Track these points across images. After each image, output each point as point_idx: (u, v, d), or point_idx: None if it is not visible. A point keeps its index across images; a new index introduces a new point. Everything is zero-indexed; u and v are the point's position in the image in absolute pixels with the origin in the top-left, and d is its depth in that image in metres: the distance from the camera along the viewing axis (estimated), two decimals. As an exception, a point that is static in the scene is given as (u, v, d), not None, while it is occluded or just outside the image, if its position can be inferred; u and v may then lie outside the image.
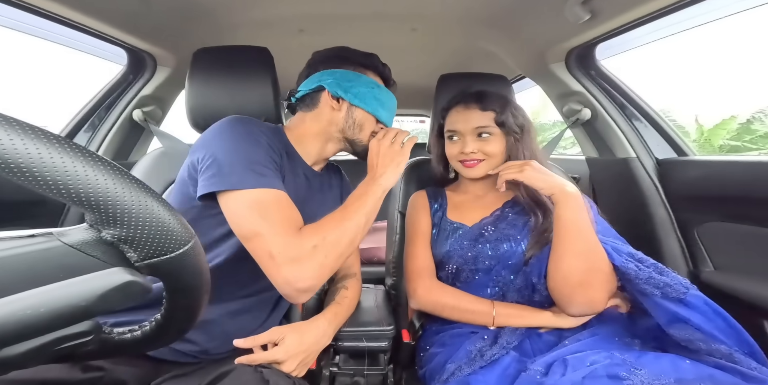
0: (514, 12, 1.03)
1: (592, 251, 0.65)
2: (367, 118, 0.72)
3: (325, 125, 0.72)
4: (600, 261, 0.65)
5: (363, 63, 0.74)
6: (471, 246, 0.77)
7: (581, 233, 0.65)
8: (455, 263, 0.77)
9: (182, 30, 1.08)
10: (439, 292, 0.75)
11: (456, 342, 0.69)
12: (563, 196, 0.67)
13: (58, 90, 16.91)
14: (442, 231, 0.83)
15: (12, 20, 0.90)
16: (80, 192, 0.21)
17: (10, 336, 0.22)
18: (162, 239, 0.24)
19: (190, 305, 0.31)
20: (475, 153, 0.79)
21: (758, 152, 5.63)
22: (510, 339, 0.64)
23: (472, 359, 0.61)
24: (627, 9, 0.84)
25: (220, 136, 0.60)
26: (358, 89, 0.70)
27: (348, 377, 0.79)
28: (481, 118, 0.79)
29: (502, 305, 0.71)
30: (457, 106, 0.84)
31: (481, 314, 0.71)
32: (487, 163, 0.80)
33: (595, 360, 0.54)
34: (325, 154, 0.76)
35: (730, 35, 10.38)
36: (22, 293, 0.22)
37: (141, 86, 1.23)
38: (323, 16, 1.10)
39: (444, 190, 0.91)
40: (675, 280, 0.62)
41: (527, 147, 0.79)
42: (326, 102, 0.71)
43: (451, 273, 0.78)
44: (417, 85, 1.83)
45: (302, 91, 0.73)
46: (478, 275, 0.76)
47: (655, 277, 0.61)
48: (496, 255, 0.75)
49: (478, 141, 0.79)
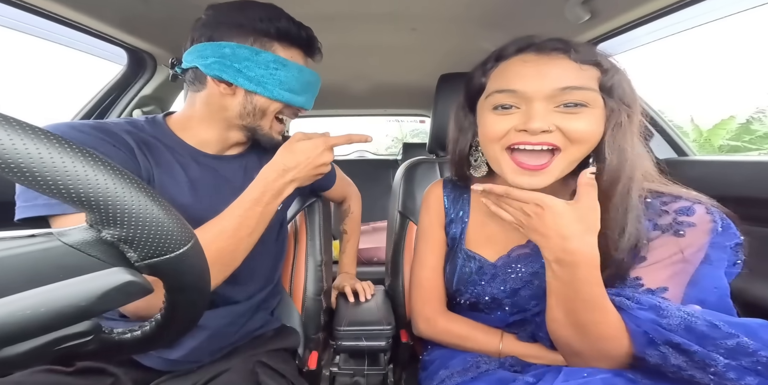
0: (514, 12, 1.03)
1: (586, 337, 0.47)
2: (270, 103, 0.60)
3: (217, 111, 0.60)
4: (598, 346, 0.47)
5: (265, 31, 0.56)
6: (490, 283, 0.60)
7: (568, 317, 0.48)
8: (466, 299, 0.64)
9: (182, 30, 1.08)
10: (443, 329, 0.64)
11: (455, 350, 0.65)
12: (554, 265, 0.47)
13: (58, 90, 16.87)
14: (455, 256, 0.65)
15: (12, 20, 0.89)
16: (80, 192, 0.21)
17: (10, 336, 0.22)
18: (162, 238, 0.24)
19: (191, 305, 0.31)
20: (549, 133, 0.47)
21: (758, 152, 5.63)
22: (513, 363, 0.57)
23: (467, 369, 0.58)
24: (627, 9, 0.84)
25: None
26: (254, 71, 0.56)
27: (348, 377, 0.79)
28: (576, 74, 0.47)
29: (513, 344, 0.59)
30: (523, 53, 0.51)
31: (488, 347, 0.60)
32: (564, 160, 0.48)
33: (592, 372, 0.46)
34: (230, 141, 0.65)
35: (729, 35, 10.31)
36: (22, 293, 0.22)
37: (141, 86, 1.23)
38: (323, 16, 1.10)
39: (469, 195, 0.67)
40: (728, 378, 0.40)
41: (630, 140, 0.48)
42: (214, 84, 0.58)
43: (465, 305, 0.65)
44: (417, 85, 1.83)
45: (184, 65, 0.59)
46: (500, 312, 0.62)
47: (685, 372, 0.42)
48: (515, 288, 0.58)
49: (559, 114, 0.47)
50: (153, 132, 0.60)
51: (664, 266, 0.49)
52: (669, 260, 0.48)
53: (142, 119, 0.62)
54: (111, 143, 0.52)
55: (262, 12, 0.57)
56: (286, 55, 0.59)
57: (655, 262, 0.49)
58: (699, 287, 0.47)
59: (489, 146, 0.53)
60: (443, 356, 0.66)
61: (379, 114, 2.59)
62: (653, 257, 0.49)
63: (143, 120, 0.61)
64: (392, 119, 3.02)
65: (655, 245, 0.50)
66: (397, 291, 0.89)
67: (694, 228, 0.49)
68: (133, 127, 0.59)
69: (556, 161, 0.49)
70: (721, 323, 0.42)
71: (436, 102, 0.98)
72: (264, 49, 0.57)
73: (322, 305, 0.84)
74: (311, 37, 0.62)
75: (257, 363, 0.63)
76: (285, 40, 0.59)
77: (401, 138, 9.38)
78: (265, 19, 0.56)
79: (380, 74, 1.69)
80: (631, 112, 0.48)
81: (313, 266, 0.85)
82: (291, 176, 0.57)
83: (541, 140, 0.47)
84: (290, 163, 0.57)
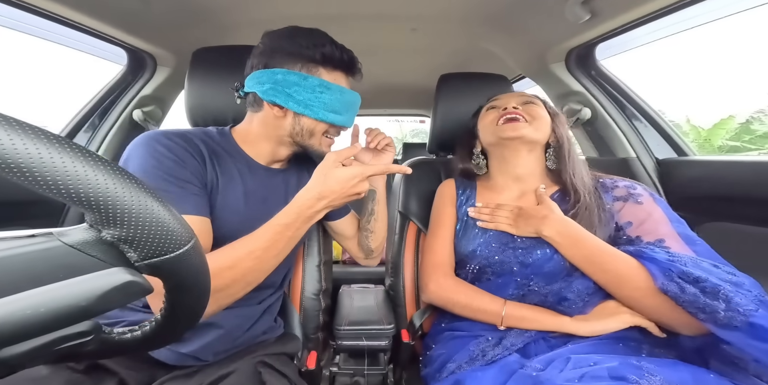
0: (514, 12, 1.03)
1: (618, 279, 0.60)
2: (316, 123, 0.65)
3: (272, 130, 0.66)
4: (630, 287, 0.59)
5: (311, 57, 0.62)
6: (499, 250, 0.71)
7: (593, 267, 0.62)
8: (478, 264, 0.73)
9: (182, 30, 1.08)
10: (452, 289, 0.72)
11: (459, 344, 0.68)
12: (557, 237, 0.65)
13: (58, 90, 16.69)
14: (468, 228, 0.77)
15: (12, 20, 0.90)
16: (80, 192, 0.21)
17: (10, 336, 0.22)
18: (162, 238, 0.24)
19: (191, 305, 0.31)
20: (517, 109, 0.74)
21: (758, 152, 5.63)
22: (515, 341, 0.62)
23: (474, 359, 0.61)
24: (627, 9, 0.84)
25: (125, 157, 0.57)
26: (302, 95, 0.61)
27: (348, 376, 0.79)
28: (526, 95, 0.79)
29: (516, 306, 0.67)
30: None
31: (492, 315, 0.67)
32: (532, 127, 0.73)
33: (600, 361, 0.50)
34: (278, 156, 0.71)
35: (729, 35, 10.33)
36: (22, 293, 0.22)
37: (141, 86, 1.23)
38: (323, 16, 1.10)
39: (475, 182, 0.85)
40: (736, 302, 0.48)
41: (566, 135, 0.77)
42: (269, 108, 0.64)
43: (471, 272, 0.74)
44: (417, 85, 1.83)
45: (246, 89, 0.66)
46: (501, 278, 0.70)
47: (700, 299, 0.50)
48: (528, 262, 0.68)
49: (523, 106, 0.76)
50: (221, 142, 0.67)
51: (649, 225, 0.64)
52: (650, 220, 0.65)
53: (214, 130, 0.69)
54: (190, 152, 0.59)
55: (309, 38, 0.63)
56: (330, 78, 0.64)
57: (641, 223, 0.65)
58: (685, 240, 0.61)
59: (486, 129, 0.78)
60: (448, 350, 0.67)
61: (380, 114, 2.59)
62: (636, 220, 0.66)
63: (215, 131, 0.69)
64: (392, 119, 3.02)
65: (627, 211, 0.68)
66: (398, 291, 0.89)
67: (644, 197, 0.68)
68: (207, 136, 0.66)
69: (525, 125, 0.72)
70: (721, 265, 0.55)
71: (437, 102, 0.98)
72: (310, 74, 0.62)
73: (321, 305, 0.84)
74: (352, 58, 0.66)
75: (260, 364, 0.63)
76: (329, 64, 0.64)
77: (401, 138, 9.38)
78: (311, 46, 0.61)
79: (380, 74, 1.69)
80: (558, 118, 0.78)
81: (312, 266, 0.85)
82: (324, 204, 0.59)
83: (515, 112, 0.73)
84: (325, 192, 0.59)
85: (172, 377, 0.59)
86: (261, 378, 0.59)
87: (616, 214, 0.68)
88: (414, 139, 9.57)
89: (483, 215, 0.76)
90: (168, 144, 0.57)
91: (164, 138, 0.58)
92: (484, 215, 0.76)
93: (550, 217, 0.67)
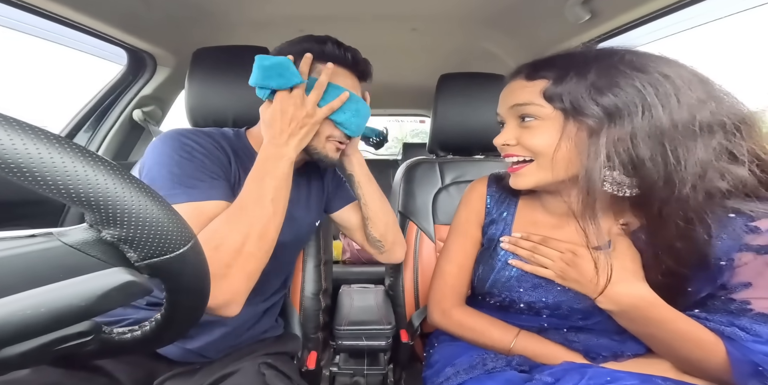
0: (514, 12, 1.03)
1: (687, 365, 0.48)
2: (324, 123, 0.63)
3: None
4: (697, 373, 0.47)
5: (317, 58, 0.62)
6: (529, 292, 0.57)
7: (658, 347, 0.49)
8: (498, 301, 0.61)
9: (182, 30, 1.08)
10: (457, 323, 0.64)
11: (461, 348, 0.64)
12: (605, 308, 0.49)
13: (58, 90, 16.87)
14: (492, 258, 0.61)
15: (12, 20, 0.90)
16: (80, 192, 0.21)
17: (10, 336, 0.22)
18: (162, 238, 0.24)
19: (191, 305, 0.31)
20: (510, 146, 0.53)
21: (758, 152, 5.62)
22: (521, 362, 0.55)
23: (473, 366, 0.57)
24: (627, 9, 0.84)
25: (152, 152, 0.58)
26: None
27: (348, 376, 0.79)
28: (521, 91, 0.51)
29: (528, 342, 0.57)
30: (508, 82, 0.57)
31: (502, 350, 0.58)
32: (537, 168, 0.51)
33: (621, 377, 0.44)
34: None
35: (729, 35, 10.26)
36: (22, 293, 0.22)
37: (141, 86, 1.23)
38: (323, 16, 1.10)
39: (518, 198, 0.65)
40: None
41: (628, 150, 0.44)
42: None
43: (493, 304, 0.63)
44: (417, 85, 1.83)
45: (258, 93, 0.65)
46: (525, 315, 0.60)
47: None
48: (559, 302, 0.55)
49: (522, 129, 0.52)
50: (238, 143, 0.67)
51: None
52: None
53: (230, 131, 0.69)
54: (217, 148, 0.61)
55: (314, 41, 0.63)
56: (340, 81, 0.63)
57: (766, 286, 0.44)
58: None
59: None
60: (449, 354, 0.65)
61: (380, 114, 2.59)
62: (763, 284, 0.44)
63: (231, 132, 0.69)
64: (392, 119, 3.02)
65: (753, 268, 0.44)
66: (398, 291, 0.89)
67: None
68: (226, 136, 0.66)
69: (529, 168, 0.52)
70: None
71: (437, 102, 0.98)
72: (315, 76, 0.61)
73: (321, 305, 0.84)
74: (351, 55, 0.65)
75: (263, 364, 0.63)
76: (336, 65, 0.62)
77: (401, 138, 9.36)
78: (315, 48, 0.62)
79: (381, 74, 1.68)
80: (605, 118, 0.44)
81: (312, 266, 0.85)
82: (282, 140, 0.58)
83: (508, 152, 0.54)
84: (275, 130, 0.58)
85: (174, 374, 0.59)
86: (264, 380, 0.59)
87: (731, 270, 0.45)
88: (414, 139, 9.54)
89: (521, 249, 0.57)
90: (197, 140, 0.59)
91: (192, 134, 0.60)
92: (522, 249, 0.57)
93: (613, 289, 0.47)
